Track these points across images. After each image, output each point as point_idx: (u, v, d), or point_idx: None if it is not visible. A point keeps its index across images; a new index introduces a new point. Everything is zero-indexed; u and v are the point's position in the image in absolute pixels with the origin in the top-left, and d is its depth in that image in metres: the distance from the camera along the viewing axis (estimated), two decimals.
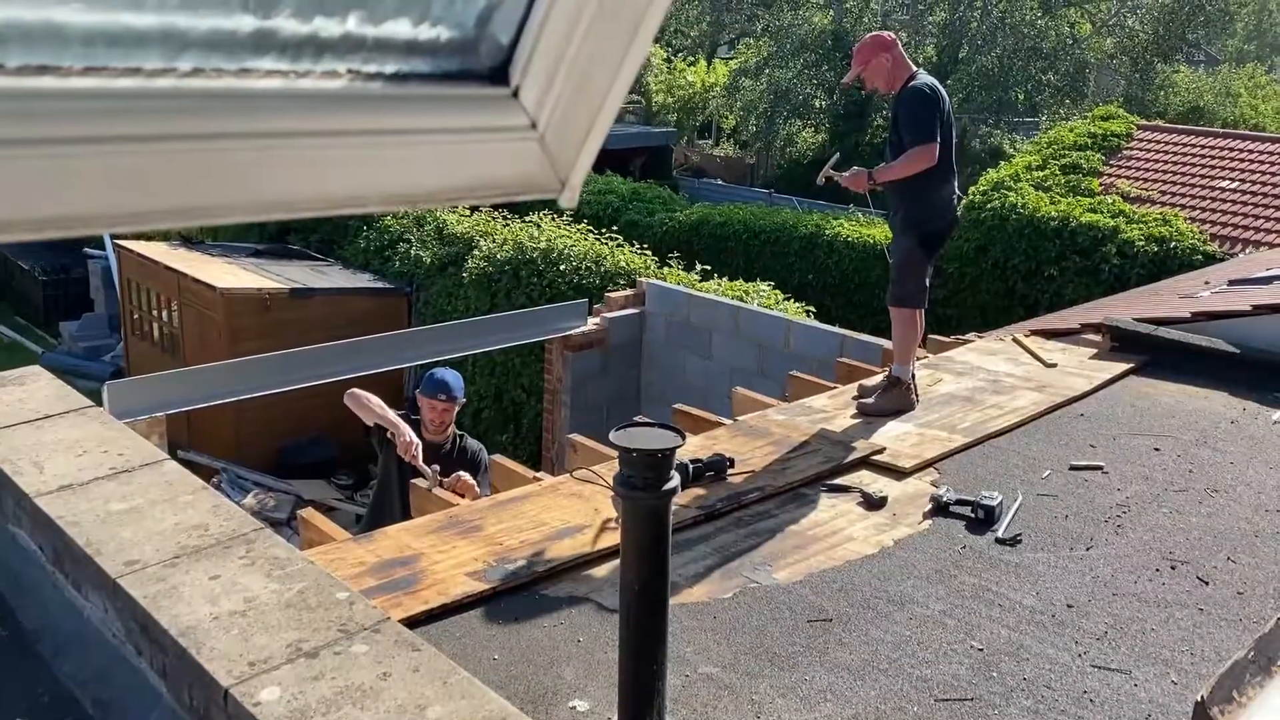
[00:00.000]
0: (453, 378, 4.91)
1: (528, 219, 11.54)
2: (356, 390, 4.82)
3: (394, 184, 0.45)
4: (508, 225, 11.55)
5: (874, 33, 4.96)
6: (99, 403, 6.01)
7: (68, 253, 17.36)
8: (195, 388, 6.72)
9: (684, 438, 2.39)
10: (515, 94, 0.48)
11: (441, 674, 1.83)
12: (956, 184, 4.82)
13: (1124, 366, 5.68)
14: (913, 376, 5.03)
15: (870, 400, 4.98)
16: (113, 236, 15.21)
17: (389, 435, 4.66)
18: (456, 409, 4.92)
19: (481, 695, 1.78)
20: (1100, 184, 12.95)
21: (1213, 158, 13.51)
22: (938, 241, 4.91)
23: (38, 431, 2.70)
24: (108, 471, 2.50)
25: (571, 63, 0.48)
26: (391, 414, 4.70)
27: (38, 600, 2.46)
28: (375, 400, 4.75)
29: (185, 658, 1.88)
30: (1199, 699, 2.69)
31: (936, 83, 4.77)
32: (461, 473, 4.56)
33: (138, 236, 15.02)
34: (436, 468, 4.53)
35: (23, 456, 2.56)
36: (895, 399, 4.92)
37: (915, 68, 4.78)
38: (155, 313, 11.97)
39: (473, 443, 5.00)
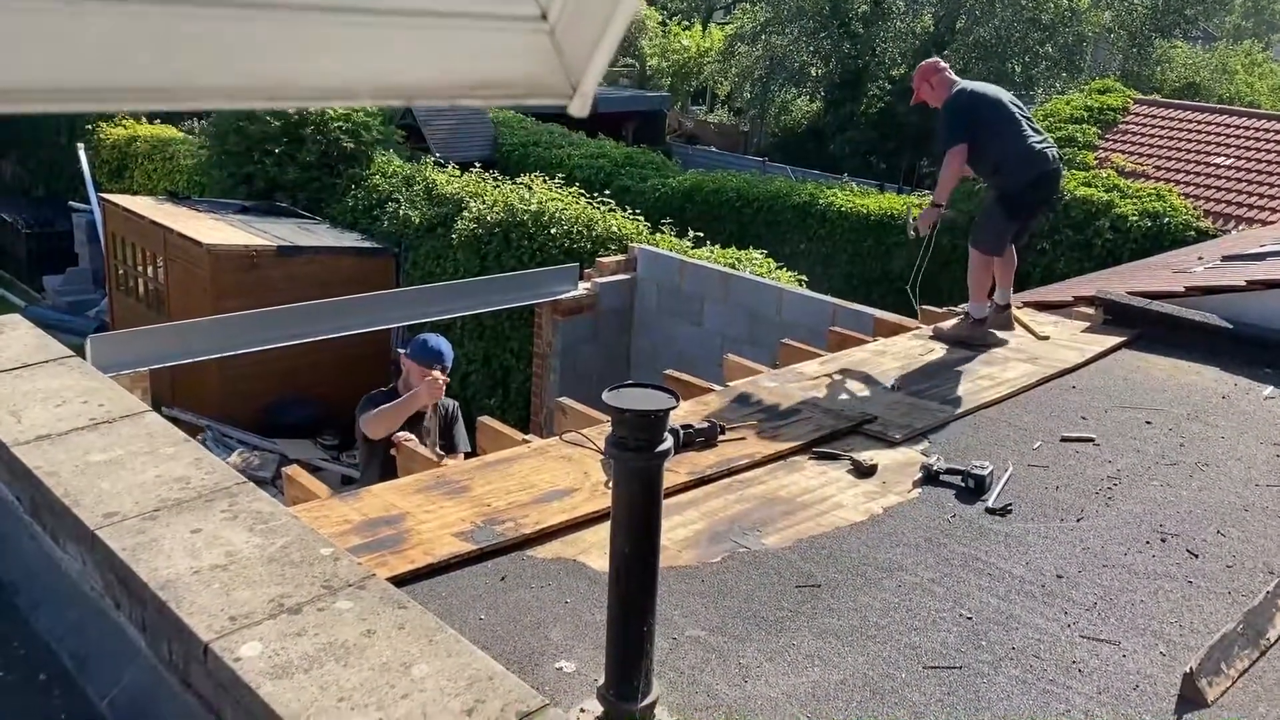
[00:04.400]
0: (446, 346, 4.87)
1: (518, 181, 11.42)
2: (368, 419, 4.73)
3: (388, 74, 0.40)
4: (498, 187, 11.43)
5: (921, 63, 5.76)
6: (83, 357, 5.94)
7: (52, 206, 17.15)
8: (179, 343, 6.65)
9: (678, 399, 2.35)
10: None
11: (427, 632, 1.79)
12: (1032, 143, 5.32)
13: (1116, 340, 5.66)
14: (1005, 309, 5.72)
15: (946, 326, 5.66)
16: (97, 188, 15.00)
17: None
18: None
19: (468, 654, 1.75)
20: (1095, 158, 12.90)
21: (1208, 134, 13.47)
22: (1018, 200, 5.42)
23: (16, 380, 2.64)
24: (87, 422, 2.45)
25: None
26: (398, 404, 4.64)
27: (14, 552, 2.41)
28: (385, 411, 4.65)
29: (165, 612, 1.84)
30: (1188, 670, 2.69)
31: (970, 89, 5.49)
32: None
33: (124, 190, 14.82)
34: (443, 456, 4.59)
35: (0, 405, 2.51)
36: (962, 329, 5.55)
37: (956, 82, 5.50)
38: (140, 268, 11.83)
39: (446, 400, 4.99)
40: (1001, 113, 5.34)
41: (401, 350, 4.93)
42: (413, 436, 4.58)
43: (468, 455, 4.82)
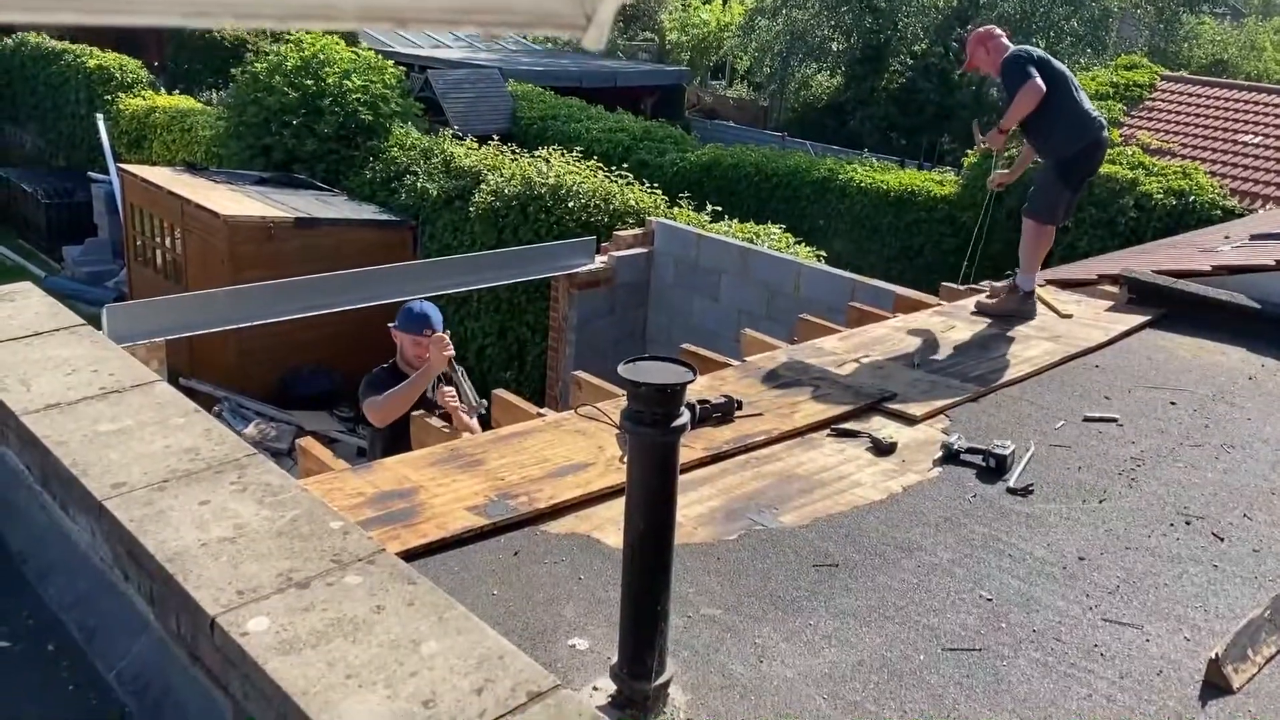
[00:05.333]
0: (433, 310, 4.80)
1: (536, 154, 11.34)
2: (377, 406, 4.63)
3: None
4: (516, 160, 11.36)
5: (978, 29, 5.76)
6: (100, 328, 5.93)
7: (72, 177, 17.16)
8: (195, 314, 6.64)
9: (695, 373, 2.30)
10: None
11: (438, 609, 1.76)
12: (1087, 108, 5.40)
13: (1141, 319, 5.57)
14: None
15: (990, 300, 5.60)
16: (116, 159, 15.00)
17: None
18: None
19: (479, 632, 1.71)
20: (1120, 135, 12.69)
21: (1236, 111, 13.24)
22: (1074, 165, 5.43)
23: (26, 349, 2.61)
24: (97, 391, 2.42)
25: None
26: (409, 385, 4.57)
27: (25, 521, 2.39)
28: (394, 396, 4.59)
29: (172, 585, 1.81)
30: (1213, 656, 2.63)
31: (1029, 49, 5.53)
32: (451, 400, 4.56)
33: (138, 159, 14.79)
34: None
35: (9, 374, 2.48)
36: (1010, 303, 5.51)
37: (1010, 46, 5.50)
38: (158, 239, 11.83)
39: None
40: (1057, 77, 5.35)
41: (392, 326, 4.84)
42: (459, 405, 4.55)
43: (481, 412, 4.75)
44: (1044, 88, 5.18)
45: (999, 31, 5.61)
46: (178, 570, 1.81)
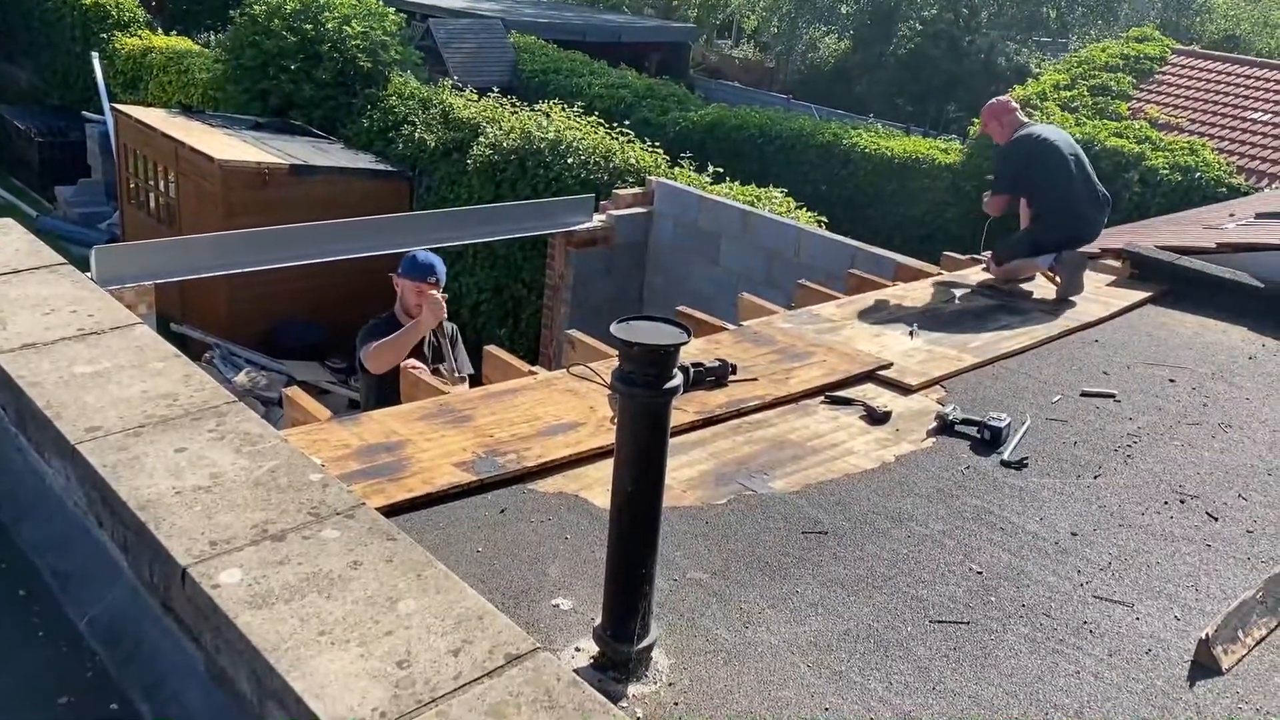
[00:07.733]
0: (438, 261, 4.75)
1: (536, 108, 11.19)
2: (371, 352, 4.62)
3: None
4: (516, 113, 11.21)
5: (994, 100, 5.77)
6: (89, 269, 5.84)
7: (66, 115, 16.93)
8: (185, 258, 6.55)
9: (689, 335, 2.24)
10: None
11: (416, 566, 1.71)
12: (1077, 204, 5.41)
13: (1142, 295, 5.52)
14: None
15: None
16: (111, 99, 14.80)
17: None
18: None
19: (457, 590, 1.67)
20: (1129, 108, 12.57)
21: (1246, 87, 13.11)
22: (1048, 246, 5.47)
23: (4, 286, 2.54)
24: (75, 332, 2.35)
25: None
26: (401, 336, 4.54)
27: (0, 463, 2.34)
28: (386, 345, 4.56)
29: (144, 533, 1.76)
30: (1203, 636, 2.60)
31: (1034, 136, 5.48)
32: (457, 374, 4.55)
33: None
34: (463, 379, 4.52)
35: None
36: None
37: (1024, 125, 5.55)
38: (152, 182, 11.69)
39: (446, 324, 4.89)
40: (1053, 164, 5.36)
41: (393, 274, 4.80)
42: (421, 365, 4.49)
43: (471, 377, 4.74)
44: (1002, 205, 5.52)
45: (1014, 107, 5.64)
46: (150, 519, 1.76)
